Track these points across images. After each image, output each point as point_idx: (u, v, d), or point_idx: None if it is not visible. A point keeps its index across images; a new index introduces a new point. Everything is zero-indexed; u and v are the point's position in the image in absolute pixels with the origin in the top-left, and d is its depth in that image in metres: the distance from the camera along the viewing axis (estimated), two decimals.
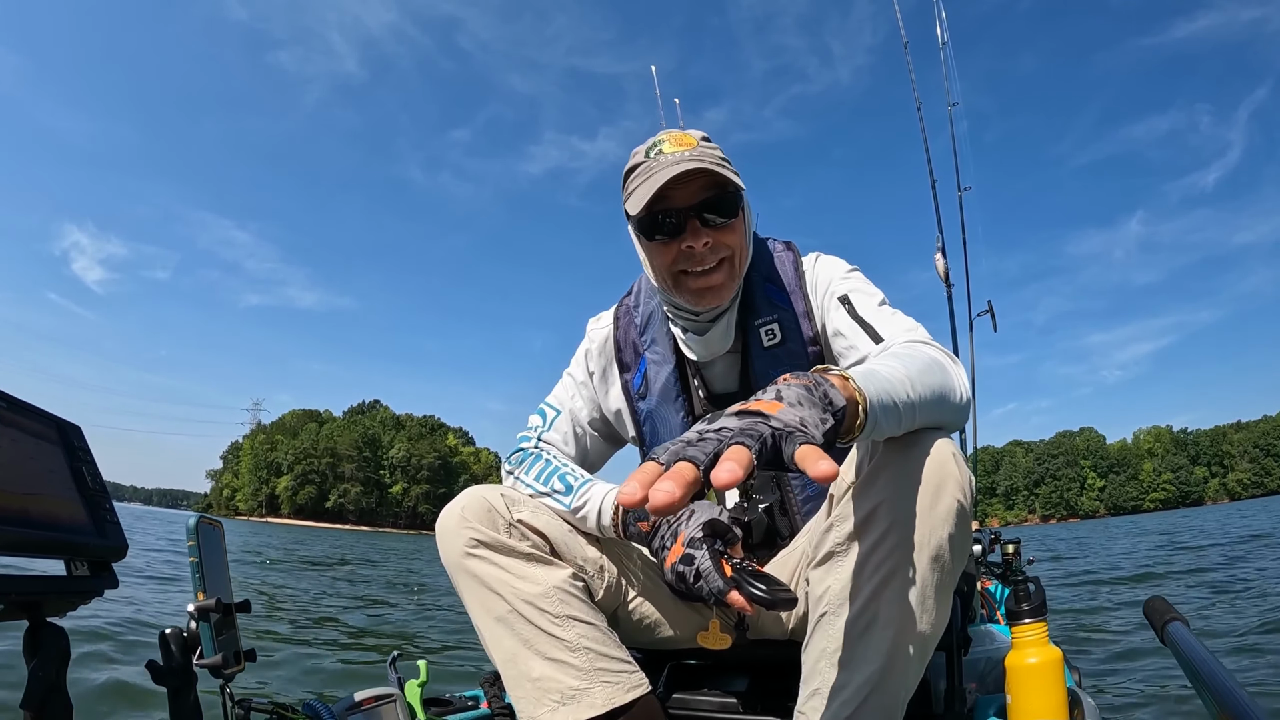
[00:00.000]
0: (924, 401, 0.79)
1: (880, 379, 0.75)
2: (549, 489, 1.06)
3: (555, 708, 0.93)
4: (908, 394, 0.77)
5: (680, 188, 0.99)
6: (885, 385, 0.74)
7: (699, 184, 1.00)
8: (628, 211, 1.04)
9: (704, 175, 0.99)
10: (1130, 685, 2.87)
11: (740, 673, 1.16)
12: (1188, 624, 0.92)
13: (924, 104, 4.30)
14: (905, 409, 0.76)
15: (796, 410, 0.62)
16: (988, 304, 4.05)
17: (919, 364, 0.83)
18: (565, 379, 1.26)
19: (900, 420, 0.76)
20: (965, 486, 0.79)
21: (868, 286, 1.07)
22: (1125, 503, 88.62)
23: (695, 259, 1.01)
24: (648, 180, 0.99)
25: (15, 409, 0.70)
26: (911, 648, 0.80)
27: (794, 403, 0.63)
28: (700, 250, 1.00)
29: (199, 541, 0.84)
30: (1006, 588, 2.48)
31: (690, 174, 0.98)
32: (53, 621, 0.70)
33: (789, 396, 0.64)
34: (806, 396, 0.64)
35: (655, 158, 1.01)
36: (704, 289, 1.03)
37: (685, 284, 1.04)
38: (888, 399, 0.73)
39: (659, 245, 1.03)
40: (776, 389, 0.65)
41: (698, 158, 0.98)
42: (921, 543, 0.78)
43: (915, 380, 0.79)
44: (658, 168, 0.99)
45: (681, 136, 1.04)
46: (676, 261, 1.03)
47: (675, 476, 0.52)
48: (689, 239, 1.00)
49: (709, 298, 1.04)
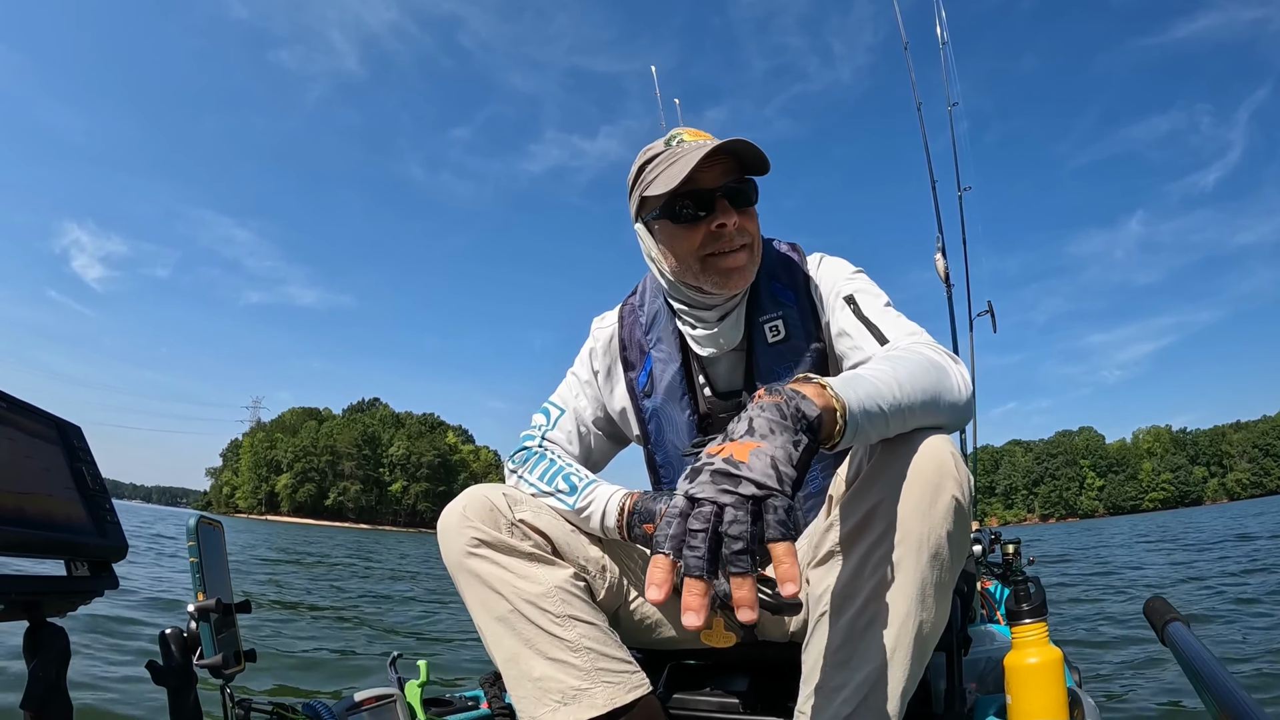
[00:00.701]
0: (914, 403, 0.80)
1: (865, 383, 0.76)
2: (553, 488, 1.06)
3: (556, 708, 0.93)
4: (895, 396, 0.77)
5: (706, 171, 1.00)
6: (869, 390, 0.75)
7: (723, 168, 1.01)
8: (647, 197, 1.03)
9: (726, 161, 1.01)
10: (1130, 685, 2.88)
11: (741, 673, 1.16)
12: (1188, 624, 0.92)
13: (924, 104, 4.29)
14: (893, 412, 0.77)
15: (769, 447, 0.63)
16: (988, 304, 4.05)
17: (911, 366, 0.83)
18: (569, 378, 1.25)
19: (889, 423, 0.77)
20: (964, 485, 0.79)
21: (872, 288, 1.07)
22: (1124, 502, 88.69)
23: (724, 239, 1.01)
24: (677, 162, 0.99)
25: (15, 409, 0.70)
26: (911, 647, 0.80)
27: (765, 433, 0.65)
28: (730, 229, 1.01)
29: (199, 541, 0.84)
30: (1006, 588, 2.48)
31: (715, 158, 0.99)
32: (53, 621, 0.70)
33: (760, 426, 0.66)
34: (777, 421, 0.66)
35: (678, 146, 1.02)
36: (731, 269, 1.03)
37: (713, 265, 1.03)
38: (872, 404, 0.74)
39: (685, 228, 1.03)
40: (749, 418, 0.67)
41: (732, 141, 0.99)
42: (920, 542, 0.78)
43: (904, 383, 0.79)
44: (683, 153, 0.99)
45: (697, 131, 1.05)
46: (704, 244, 1.03)
47: (695, 602, 0.58)
48: (719, 217, 1.00)
49: (735, 279, 1.03)
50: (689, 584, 0.58)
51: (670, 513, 0.62)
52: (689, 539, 0.60)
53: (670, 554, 0.60)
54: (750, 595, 0.57)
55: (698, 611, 0.57)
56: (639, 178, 1.05)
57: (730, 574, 0.58)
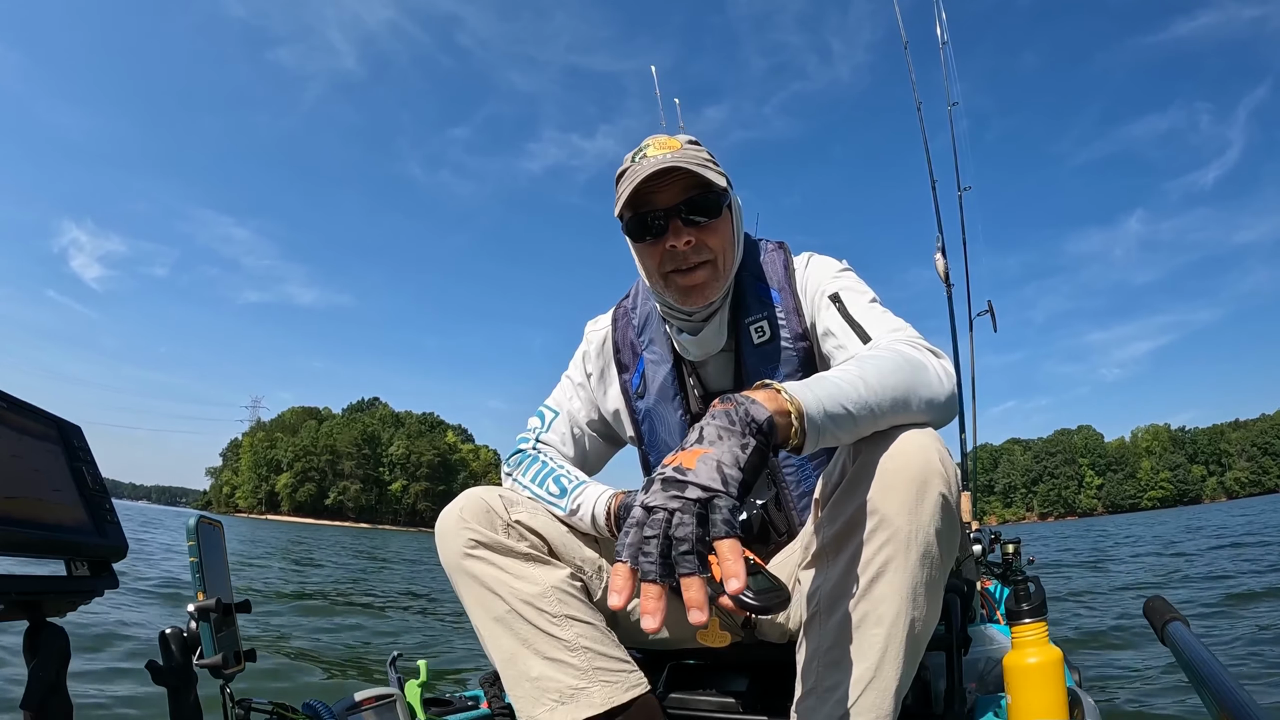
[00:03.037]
0: (883, 401, 0.80)
1: (826, 385, 0.77)
2: (544, 491, 1.07)
3: (554, 707, 0.93)
4: (860, 395, 0.78)
5: (663, 190, 1.01)
6: (831, 391, 0.76)
7: (681, 185, 1.01)
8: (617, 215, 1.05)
9: (686, 176, 1.00)
10: (1130, 684, 2.88)
11: (738, 672, 1.16)
12: (1188, 623, 0.92)
13: (924, 104, 4.30)
14: (861, 411, 0.78)
15: (716, 451, 0.66)
16: (988, 304, 4.05)
17: (880, 364, 0.84)
18: (563, 381, 1.27)
19: (856, 423, 0.78)
20: (950, 481, 0.79)
21: (858, 285, 1.08)
22: (1123, 501, 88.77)
23: (679, 258, 1.03)
24: (630, 182, 1.00)
25: (15, 409, 0.70)
26: (904, 645, 0.80)
27: (714, 439, 0.68)
28: (682, 249, 1.02)
29: (199, 541, 0.84)
30: (1006, 587, 2.49)
31: (673, 176, 0.99)
32: (53, 621, 0.70)
33: (709, 434, 0.69)
34: (726, 427, 0.69)
35: (639, 161, 1.02)
36: (688, 287, 1.04)
37: (674, 282, 1.05)
38: (834, 404, 0.76)
39: (647, 246, 1.05)
40: (700, 427, 0.70)
41: (678, 158, 0.99)
42: (909, 540, 0.78)
43: (871, 381, 0.80)
44: (640, 170, 1.00)
45: (667, 140, 1.05)
46: (663, 262, 1.04)
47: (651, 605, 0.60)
48: (671, 238, 1.02)
49: (694, 296, 1.05)
50: (645, 589, 0.61)
51: (629, 522, 0.64)
52: (643, 546, 0.62)
53: (628, 561, 0.62)
54: (699, 596, 0.59)
55: (653, 615, 0.59)
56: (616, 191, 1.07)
57: (680, 575, 0.61)
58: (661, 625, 0.60)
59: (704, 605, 0.59)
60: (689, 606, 0.59)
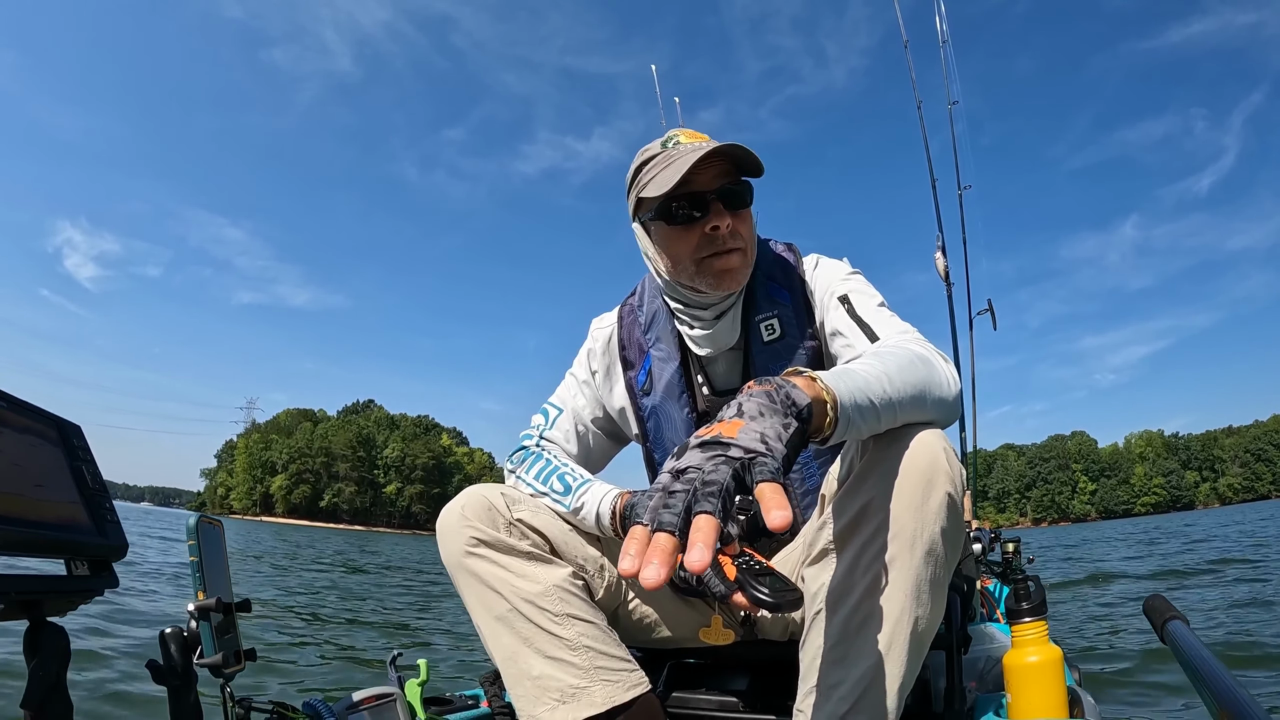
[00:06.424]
0: (904, 398, 0.81)
1: (855, 377, 0.76)
2: (548, 488, 1.07)
3: (555, 706, 0.93)
4: (884, 390, 0.78)
5: (701, 173, 1.01)
6: (860, 383, 0.76)
7: (718, 170, 1.02)
8: (644, 198, 1.04)
9: (721, 164, 1.01)
10: (1130, 683, 2.89)
11: (740, 671, 1.16)
12: (1188, 622, 0.92)
13: (923, 102, 4.31)
14: (884, 406, 0.78)
15: (757, 424, 0.63)
16: (988, 302, 4.06)
17: (900, 361, 0.84)
18: (568, 378, 1.26)
19: (880, 417, 0.78)
20: (956, 481, 0.80)
21: (867, 288, 1.08)
22: (1116, 506, 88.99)
23: (718, 241, 1.02)
24: (673, 164, 1.00)
25: (15, 408, 0.70)
26: (907, 643, 0.80)
27: (754, 415, 0.65)
28: (724, 231, 1.02)
29: (199, 541, 0.84)
30: (1006, 587, 2.49)
31: (710, 161, 1.00)
32: (53, 621, 0.70)
33: (749, 409, 0.65)
34: (767, 404, 0.66)
35: (674, 148, 1.03)
36: (725, 270, 1.03)
37: (708, 267, 1.04)
38: (862, 397, 0.75)
39: (680, 230, 1.04)
40: (738, 403, 0.67)
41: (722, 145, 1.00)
42: (914, 538, 0.78)
43: (894, 377, 0.80)
44: (679, 155, 1.00)
45: (694, 133, 1.06)
46: (699, 246, 1.03)
47: (658, 554, 0.53)
48: (713, 219, 1.01)
49: (729, 280, 1.04)
50: (656, 539, 0.54)
51: (653, 489, 0.61)
52: (667, 501, 0.57)
53: (647, 524, 0.56)
54: (709, 535, 0.53)
55: (662, 564, 0.52)
56: (636, 178, 1.06)
57: (695, 513, 0.55)
58: (667, 579, 0.52)
59: (710, 545, 0.53)
60: (692, 545, 0.53)
